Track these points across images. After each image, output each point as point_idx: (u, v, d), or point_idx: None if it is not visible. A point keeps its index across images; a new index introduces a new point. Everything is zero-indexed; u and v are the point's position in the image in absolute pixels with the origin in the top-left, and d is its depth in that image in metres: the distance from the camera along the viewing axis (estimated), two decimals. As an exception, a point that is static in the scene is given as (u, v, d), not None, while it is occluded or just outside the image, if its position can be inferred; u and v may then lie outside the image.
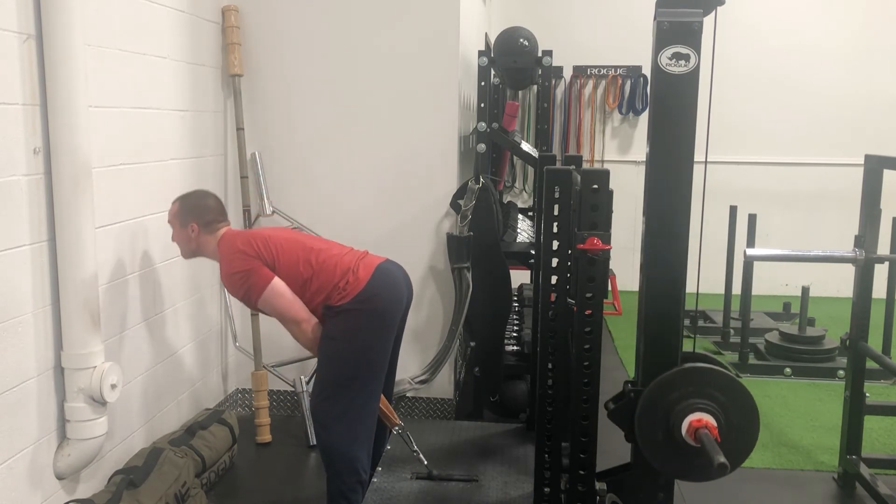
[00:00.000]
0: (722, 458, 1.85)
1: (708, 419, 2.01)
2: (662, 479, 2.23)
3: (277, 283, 2.69)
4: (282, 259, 2.72)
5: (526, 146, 4.58)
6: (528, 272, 4.51)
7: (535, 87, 5.65)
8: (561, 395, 2.39)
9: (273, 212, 3.85)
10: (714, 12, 2.05)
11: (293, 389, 3.89)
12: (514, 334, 4.25)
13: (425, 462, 2.98)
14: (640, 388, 2.13)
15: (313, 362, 3.27)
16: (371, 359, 2.74)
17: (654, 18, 2.06)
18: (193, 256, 2.95)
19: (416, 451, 2.98)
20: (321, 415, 2.77)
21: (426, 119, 3.81)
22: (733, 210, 5.19)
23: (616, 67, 6.76)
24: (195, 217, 2.85)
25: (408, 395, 3.93)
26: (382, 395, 2.91)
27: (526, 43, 4.10)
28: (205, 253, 2.89)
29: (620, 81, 6.79)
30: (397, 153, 3.85)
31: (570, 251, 2.34)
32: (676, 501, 2.29)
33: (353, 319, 2.70)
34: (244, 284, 2.70)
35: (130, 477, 2.71)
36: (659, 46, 2.03)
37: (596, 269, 2.13)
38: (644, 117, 6.71)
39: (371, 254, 2.89)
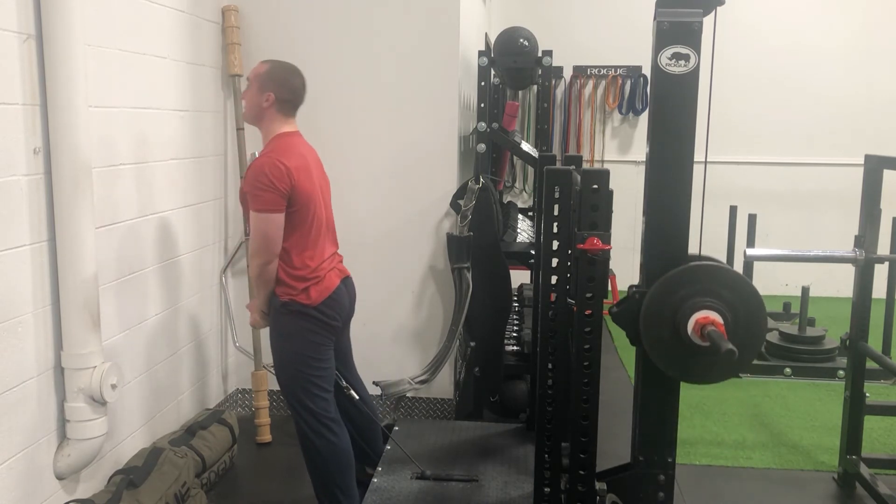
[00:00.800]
0: (729, 345, 1.82)
1: (714, 317, 1.98)
2: (662, 479, 2.23)
3: (278, 218, 2.65)
4: (296, 212, 2.68)
5: (526, 146, 4.57)
6: (528, 272, 4.51)
7: (535, 87, 5.65)
8: (561, 395, 2.39)
9: (273, 212, 3.85)
10: (714, 12, 2.05)
11: (293, 389, 3.89)
12: (514, 334, 4.25)
13: (402, 450, 3.00)
14: (644, 289, 2.10)
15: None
16: (317, 357, 2.80)
17: (654, 18, 2.06)
18: (254, 122, 2.83)
19: (388, 424, 3.03)
20: (291, 407, 2.85)
21: (426, 119, 3.81)
22: (733, 210, 5.18)
23: (616, 67, 6.76)
24: (277, 88, 2.73)
25: (408, 395, 3.93)
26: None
27: (526, 43, 4.10)
28: (263, 127, 2.78)
29: (620, 81, 6.79)
30: (397, 153, 3.85)
31: (570, 251, 2.34)
32: (676, 501, 2.29)
33: (305, 324, 2.75)
34: (256, 191, 2.62)
35: (130, 477, 2.72)
36: (659, 46, 2.03)
37: (596, 269, 2.13)
38: (644, 117, 6.71)
39: (342, 265, 2.93)
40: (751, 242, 4.82)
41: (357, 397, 3.00)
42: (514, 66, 4.15)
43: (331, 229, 2.91)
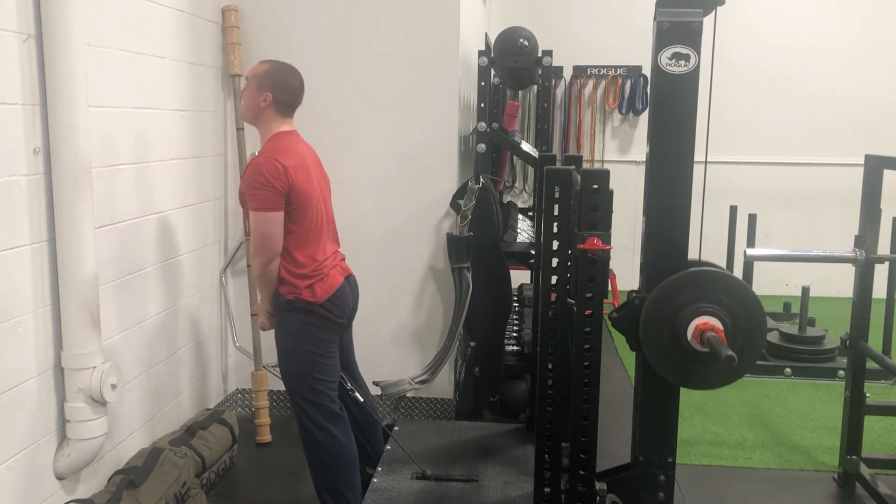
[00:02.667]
0: (729, 351, 1.82)
1: (714, 322, 1.99)
2: (662, 479, 2.23)
3: (277, 216, 2.66)
4: (295, 210, 2.68)
5: (526, 146, 4.57)
6: (528, 272, 4.51)
7: (535, 87, 5.65)
8: (561, 395, 2.39)
9: (273, 212, 3.85)
10: (714, 12, 2.05)
11: (293, 389, 3.89)
12: (514, 334, 4.25)
13: (403, 449, 3.02)
14: (645, 294, 2.10)
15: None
16: (325, 351, 2.81)
17: (654, 18, 2.06)
18: (251, 122, 2.84)
19: (388, 429, 3.05)
20: (293, 403, 2.86)
21: (426, 119, 3.81)
22: (733, 210, 5.19)
23: (616, 67, 6.76)
24: (276, 89, 2.74)
25: (408, 395, 3.93)
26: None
27: (526, 43, 4.10)
28: (260, 127, 2.79)
29: (620, 81, 6.79)
30: (397, 153, 3.85)
31: (570, 251, 2.34)
32: (676, 501, 2.29)
33: (311, 321, 2.76)
34: (254, 190, 2.64)
35: (130, 477, 2.72)
36: (659, 46, 2.04)
37: (596, 269, 2.13)
38: (644, 117, 6.70)
39: (344, 262, 2.94)
40: (751, 242, 4.83)
41: (361, 399, 3.01)
42: (514, 66, 4.15)
43: (332, 227, 2.91)
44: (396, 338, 3.98)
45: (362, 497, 2.83)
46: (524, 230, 4.71)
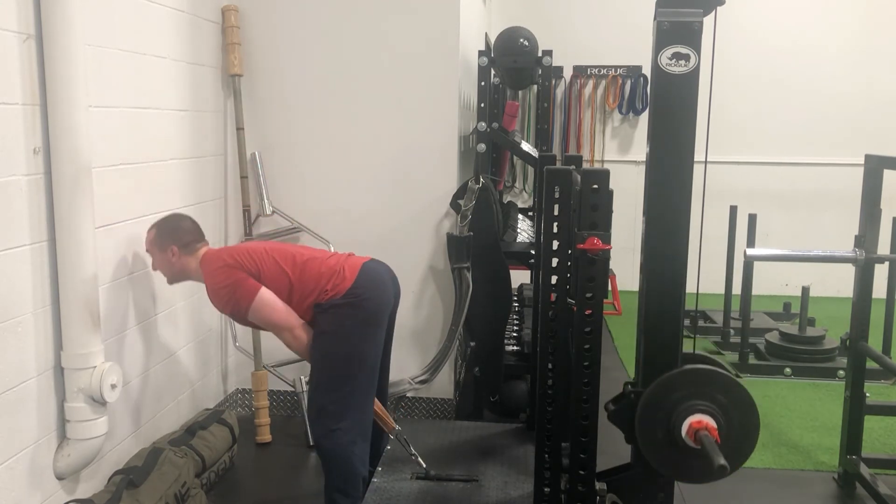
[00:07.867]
0: (722, 461, 1.86)
1: (708, 421, 2.02)
2: (662, 480, 2.23)
3: (265, 293, 2.69)
4: (265, 267, 2.72)
5: (526, 146, 4.57)
6: (528, 272, 4.51)
7: (535, 87, 5.65)
8: (561, 395, 2.39)
9: (273, 212, 3.86)
10: (714, 12, 2.05)
11: (293, 389, 3.89)
12: (514, 334, 4.25)
13: (424, 465, 2.99)
14: (641, 389, 2.13)
15: (313, 362, 3.27)
16: (363, 353, 2.75)
17: (654, 18, 2.06)
18: (178, 280, 2.95)
19: (413, 455, 2.99)
20: (317, 413, 2.77)
21: (426, 119, 3.81)
22: (733, 210, 5.19)
23: (616, 67, 6.76)
24: (174, 239, 2.84)
25: (408, 395, 3.93)
26: (378, 401, 2.93)
27: (526, 43, 4.09)
28: (188, 275, 2.88)
29: (620, 81, 6.79)
30: (397, 153, 3.85)
31: (570, 251, 2.34)
32: (676, 501, 2.29)
33: (343, 315, 2.71)
34: (231, 298, 2.70)
35: (130, 477, 2.72)
36: (659, 46, 2.04)
37: (596, 269, 2.13)
38: (644, 117, 6.70)
39: (355, 255, 2.90)
40: (751, 242, 4.84)
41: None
42: (514, 65, 4.15)
43: (307, 252, 2.88)
44: (396, 338, 3.91)
45: (362, 497, 2.83)
46: (524, 230, 4.71)
